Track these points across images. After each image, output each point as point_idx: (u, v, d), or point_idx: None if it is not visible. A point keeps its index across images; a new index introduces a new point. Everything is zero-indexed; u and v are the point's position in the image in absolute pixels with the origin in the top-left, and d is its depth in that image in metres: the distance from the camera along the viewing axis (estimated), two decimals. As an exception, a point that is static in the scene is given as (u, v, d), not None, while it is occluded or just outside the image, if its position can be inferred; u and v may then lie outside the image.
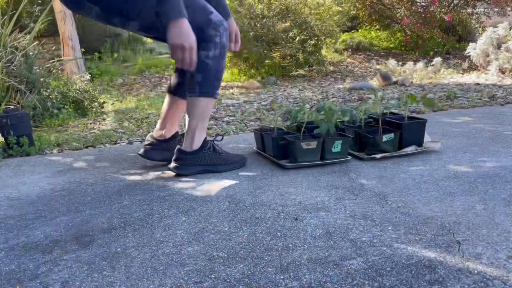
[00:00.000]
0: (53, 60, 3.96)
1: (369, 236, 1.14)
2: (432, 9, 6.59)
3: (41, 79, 3.28)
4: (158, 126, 1.90)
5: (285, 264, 1.01)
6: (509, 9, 6.75)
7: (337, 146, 1.81)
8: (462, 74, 5.17)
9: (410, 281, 0.92)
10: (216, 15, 1.65)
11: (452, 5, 6.88)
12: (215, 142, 1.78)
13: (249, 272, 0.99)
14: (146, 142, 1.90)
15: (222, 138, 1.86)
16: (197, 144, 1.70)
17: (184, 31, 1.51)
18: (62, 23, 4.79)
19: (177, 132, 1.91)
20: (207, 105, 1.69)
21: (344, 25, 6.86)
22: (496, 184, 1.49)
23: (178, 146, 1.73)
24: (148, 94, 4.45)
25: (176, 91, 1.86)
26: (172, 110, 1.87)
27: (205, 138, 1.74)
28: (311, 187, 1.55)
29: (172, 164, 1.72)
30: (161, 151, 1.87)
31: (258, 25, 5.14)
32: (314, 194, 1.47)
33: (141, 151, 1.90)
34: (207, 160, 1.72)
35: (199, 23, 1.59)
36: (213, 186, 1.61)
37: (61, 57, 4.75)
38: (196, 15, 1.59)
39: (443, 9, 6.67)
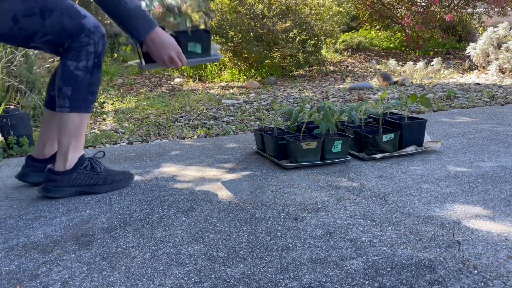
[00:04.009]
0: (53, 60, 3.96)
1: (369, 236, 1.14)
2: (432, 8, 6.59)
3: (41, 79, 3.28)
4: (38, 145, 1.71)
5: (285, 264, 1.01)
6: (509, 9, 6.75)
7: (337, 146, 1.81)
8: (462, 74, 5.17)
9: (410, 281, 0.92)
10: (90, 20, 1.45)
11: (452, 4, 6.88)
12: (95, 159, 1.60)
13: (249, 272, 0.99)
14: (24, 164, 1.70)
15: (104, 155, 1.72)
16: (70, 163, 1.52)
17: (163, 42, 1.41)
18: (62, 23, 4.79)
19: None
20: (81, 121, 1.51)
21: (345, 25, 6.87)
22: (496, 184, 1.49)
23: (49, 166, 1.54)
24: (148, 94, 4.45)
25: (52, 105, 1.62)
26: (51, 125, 1.66)
27: (82, 155, 1.57)
28: (311, 187, 1.55)
29: (42, 186, 1.54)
30: (40, 173, 1.63)
31: (258, 25, 5.14)
32: (314, 194, 1.47)
33: (19, 173, 1.70)
34: (82, 181, 1.54)
35: (68, 29, 1.42)
36: (213, 186, 1.61)
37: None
38: (65, 19, 1.41)
39: (443, 9, 6.67)
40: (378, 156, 1.85)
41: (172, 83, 5.13)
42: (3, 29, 1.41)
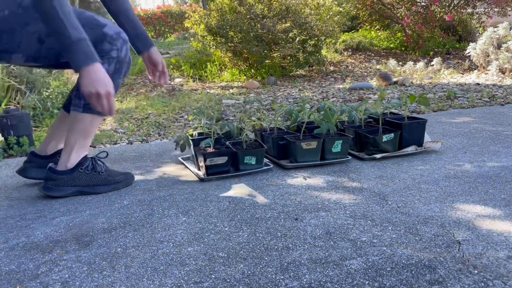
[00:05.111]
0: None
1: (369, 236, 1.14)
2: (432, 8, 6.59)
3: (41, 79, 3.28)
4: (43, 142, 1.74)
5: (285, 264, 1.01)
6: (509, 9, 6.75)
7: (337, 146, 1.81)
8: (462, 74, 5.17)
9: (410, 281, 0.92)
10: (111, 27, 1.49)
11: (452, 4, 6.88)
12: (97, 159, 1.62)
13: (249, 272, 0.99)
14: (25, 159, 1.72)
15: (107, 155, 1.73)
16: (72, 162, 1.54)
17: (97, 77, 1.36)
18: (62, 23, 4.79)
19: (60, 150, 1.70)
20: (91, 123, 1.53)
21: (344, 25, 6.88)
22: (496, 184, 1.49)
23: (50, 165, 1.56)
24: (148, 94, 4.45)
25: (67, 106, 1.66)
26: (61, 126, 1.69)
27: (85, 156, 1.58)
28: (311, 187, 1.55)
29: (43, 184, 1.56)
30: (41, 169, 1.67)
31: (258, 25, 5.14)
32: (314, 194, 1.47)
33: (20, 168, 1.72)
34: (83, 180, 1.56)
35: (91, 39, 1.43)
36: (213, 186, 1.61)
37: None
38: (86, 30, 1.41)
39: (443, 9, 6.68)
40: (378, 156, 1.85)
41: (172, 83, 5.13)
42: (31, 51, 1.45)
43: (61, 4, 1.35)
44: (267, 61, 5.32)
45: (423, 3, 6.81)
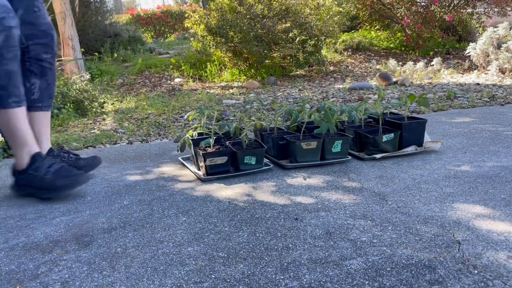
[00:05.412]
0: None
1: (369, 236, 1.14)
2: (432, 8, 6.59)
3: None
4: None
5: (285, 264, 1.01)
6: (509, 9, 6.75)
7: (337, 146, 1.81)
8: (462, 74, 5.17)
9: (410, 281, 0.92)
10: None
11: (452, 5, 6.88)
12: (43, 159, 1.51)
13: (249, 272, 0.99)
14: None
15: (63, 148, 1.66)
16: (21, 162, 1.49)
17: None
18: (62, 23, 4.80)
19: (51, 148, 1.66)
20: (5, 119, 1.43)
21: (344, 25, 6.87)
22: (496, 184, 1.49)
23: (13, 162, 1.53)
24: (148, 94, 4.45)
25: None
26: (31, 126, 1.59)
27: (35, 154, 1.49)
28: (311, 187, 1.55)
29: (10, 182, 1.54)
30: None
31: (258, 25, 5.14)
32: (314, 194, 1.47)
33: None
34: (32, 183, 1.49)
35: None
36: (213, 186, 1.61)
37: (61, 57, 4.75)
38: None
39: (443, 9, 6.68)
40: (378, 156, 1.85)
41: (172, 83, 5.13)
42: None
43: None
44: (267, 61, 5.32)
45: (423, 3, 6.81)
